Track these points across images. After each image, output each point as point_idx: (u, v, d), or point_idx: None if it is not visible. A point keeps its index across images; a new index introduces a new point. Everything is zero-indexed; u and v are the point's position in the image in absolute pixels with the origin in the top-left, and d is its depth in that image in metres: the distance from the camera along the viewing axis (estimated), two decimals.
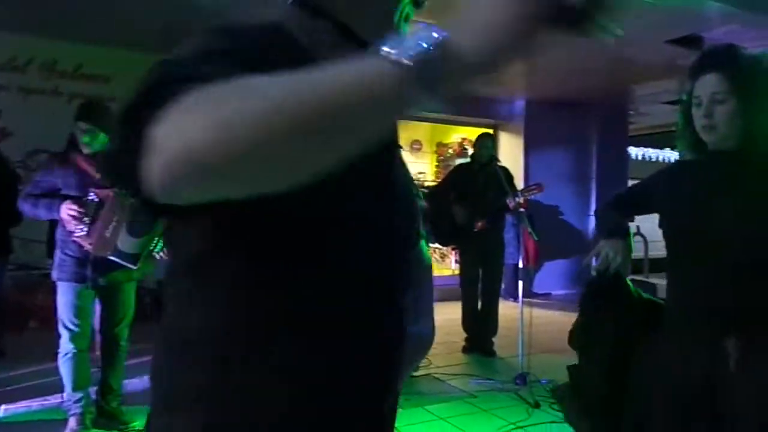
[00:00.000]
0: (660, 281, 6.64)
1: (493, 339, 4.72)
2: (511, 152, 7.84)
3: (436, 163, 8.87)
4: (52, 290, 2.92)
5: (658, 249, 1.85)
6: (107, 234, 2.66)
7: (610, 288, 1.75)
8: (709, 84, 1.54)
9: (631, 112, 8.42)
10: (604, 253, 1.71)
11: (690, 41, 5.06)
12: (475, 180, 4.78)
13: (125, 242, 2.69)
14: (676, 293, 1.66)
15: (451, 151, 8.81)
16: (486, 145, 4.96)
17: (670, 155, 12.21)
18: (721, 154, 1.57)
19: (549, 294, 7.25)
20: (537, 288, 7.08)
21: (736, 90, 1.51)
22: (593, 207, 7.85)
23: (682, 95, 1.65)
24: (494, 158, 4.96)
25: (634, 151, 13.23)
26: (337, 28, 0.73)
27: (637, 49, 5.37)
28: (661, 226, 1.69)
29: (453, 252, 6.21)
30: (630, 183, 8.58)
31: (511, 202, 4.37)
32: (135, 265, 2.76)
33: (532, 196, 5.15)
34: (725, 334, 1.51)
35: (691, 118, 1.59)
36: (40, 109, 5.30)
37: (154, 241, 2.78)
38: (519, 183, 7.08)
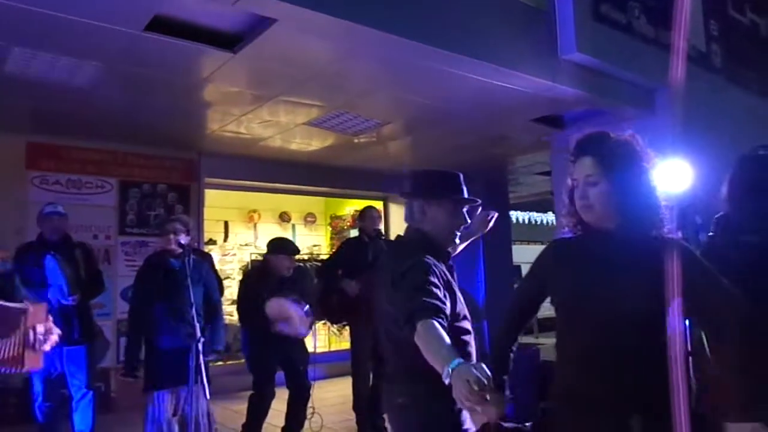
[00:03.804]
0: (549, 340, 6.91)
1: (385, 416, 4.65)
2: (401, 222, 8.07)
3: (331, 236, 8.95)
4: None
5: (546, 309, 1.91)
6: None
7: None
8: (583, 167, 1.65)
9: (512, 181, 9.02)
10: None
11: (551, 120, 5.59)
12: (365, 253, 4.77)
13: None
14: (573, 375, 1.65)
15: (345, 224, 8.94)
16: (372, 216, 4.96)
17: (552, 218, 13.14)
18: (601, 233, 1.63)
19: None
20: None
21: (606, 173, 1.60)
22: (481, 271, 8.19)
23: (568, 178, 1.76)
24: (380, 232, 5.05)
25: (520, 215, 14.13)
26: None
27: (507, 127, 5.86)
28: (552, 303, 1.72)
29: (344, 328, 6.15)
30: (514, 245, 9.09)
31: None
32: None
33: None
34: (630, 412, 1.52)
35: (573, 199, 1.69)
36: None
37: None
38: None
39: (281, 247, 4.49)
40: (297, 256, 4.71)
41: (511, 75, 4.31)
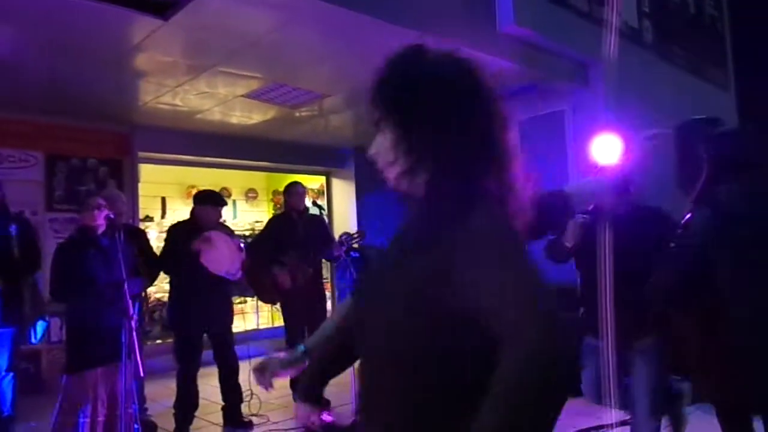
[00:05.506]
0: None
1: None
2: (343, 198, 8.06)
3: (273, 211, 8.83)
4: None
5: None
6: None
7: None
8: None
9: None
10: None
11: None
12: (294, 230, 4.70)
13: None
14: None
15: None
16: (298, 192, 4.87)
17: None
18: (409, 206, 1.08)
19: None
20: None
21: (389, 112, 1.03)
22: None
23: None
24: (306, 207, 4.97)
25: None
26: None
27: None
28: None
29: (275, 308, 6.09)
30: None
31: (337, 251, 4.32)
32: None
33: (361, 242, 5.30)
34: None
35: None
36: None
37: None
38: (352, 226, 7.29)
39: (208, 198, 4.36)
40: (239, 232, 4.61)
41: (449, 47, 4.31)
